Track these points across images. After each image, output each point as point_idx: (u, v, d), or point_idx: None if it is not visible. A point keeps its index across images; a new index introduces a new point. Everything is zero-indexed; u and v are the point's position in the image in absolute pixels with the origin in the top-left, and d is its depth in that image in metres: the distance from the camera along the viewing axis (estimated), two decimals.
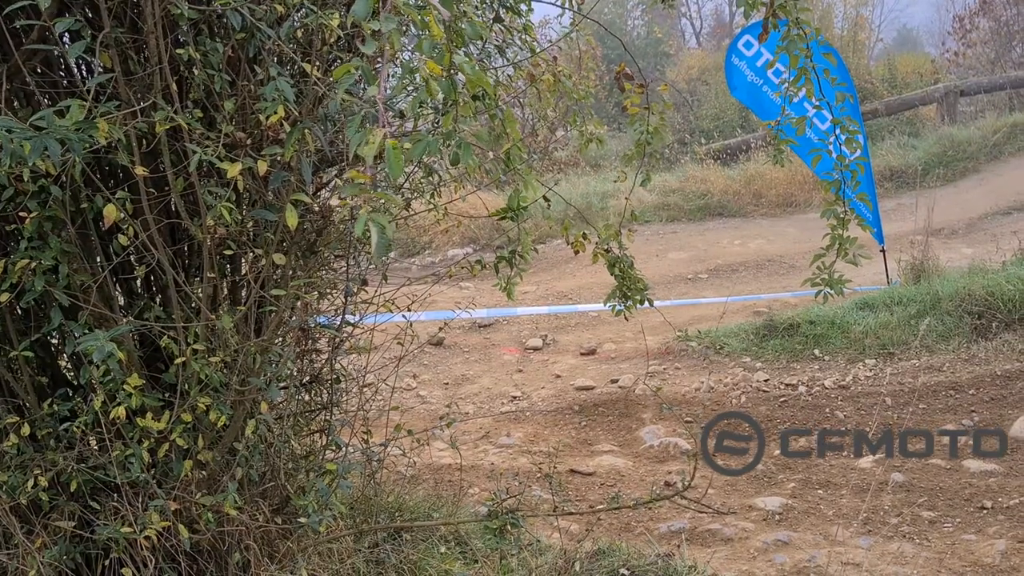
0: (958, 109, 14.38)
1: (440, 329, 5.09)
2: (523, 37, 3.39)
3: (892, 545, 4.17)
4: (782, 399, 6.12)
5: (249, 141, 2.50)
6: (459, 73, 1.63)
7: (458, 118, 1.58)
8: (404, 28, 1.55)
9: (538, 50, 3.27)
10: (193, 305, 2.79)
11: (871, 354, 6.47)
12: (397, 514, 3.87)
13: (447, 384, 7.10)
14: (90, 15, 2.59)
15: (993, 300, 6.36)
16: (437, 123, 2.23)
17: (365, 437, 3.62)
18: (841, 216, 3.06)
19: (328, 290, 3.39)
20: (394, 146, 1.22)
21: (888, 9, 24.87)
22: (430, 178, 3.33)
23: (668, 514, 4.55)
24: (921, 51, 21.81)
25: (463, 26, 1.53)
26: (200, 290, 2.75)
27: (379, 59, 1.42)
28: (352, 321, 3.43)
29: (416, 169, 3.30)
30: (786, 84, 3.13)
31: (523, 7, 3.33)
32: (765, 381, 6.39)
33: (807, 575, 3.95)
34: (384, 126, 1.23)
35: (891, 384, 6.02)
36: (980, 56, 17.01)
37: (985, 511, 4.45)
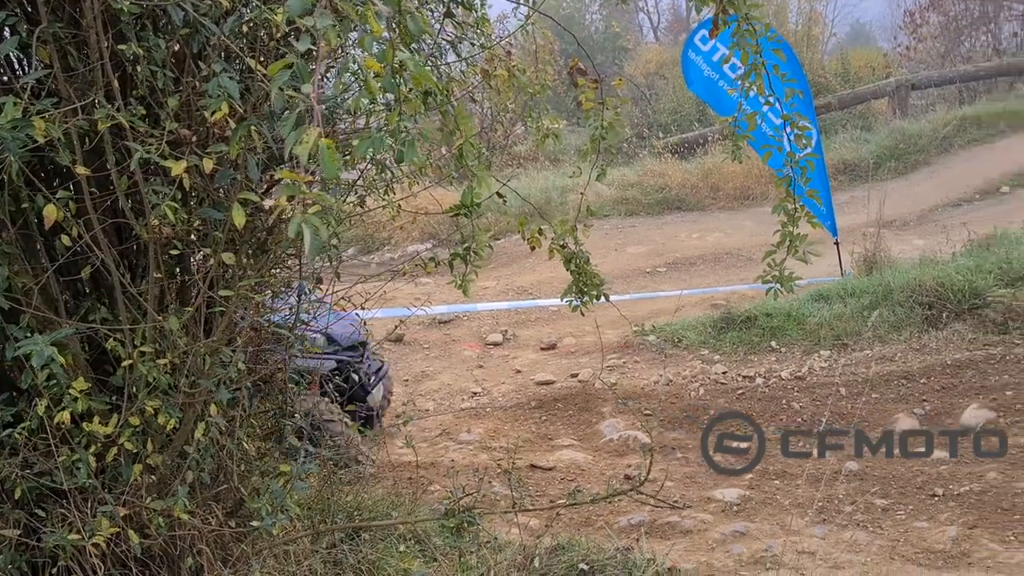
0: (909, 103, 14.66)
1: (396, 327, 5.05)
2: (477, 32, 3.36)
3: (846, 533, 4.24)
4: (740, 391, 6.18)
5: (195, 139, 2.45)
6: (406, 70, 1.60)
7: (404, 115, 1.55)
8: (353, 25, 1.52)
9: (490, 45, 3.25)
10: (141, 306, 2.73)
11: (826, 345, 6.56)
12: (356, 513, 3.83)
13: (407, 381, 7.06)
14: (29, 10, 2.52)
15: (943, 291, 6.48)
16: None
17: None
18: (791, 213, 3.08)
19: (281, 289, 3.35)
20: (328, 145, 1.19)
21: (842, 4, 25.19)
22: (383, 175, 3.30)
23: (628, 508, 4.57)
24: (874, 45, 22.12)
25: (407, 22, 1.51)
26: (147, 291, 2.69)
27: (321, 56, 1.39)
28: (306, 320, 3.39)
29: (369, 166, 3.27)
30: (740, 79, 3.14)
31: (476, 2, 3.30)
32: (723, 373, 6.45)
33: (764, 565, 3.99)
34: (318, 124, 1.20)
35: (845, 374, 6.11)
36: (931, 50, 17.36)
37: (936, 498, 4.54)
